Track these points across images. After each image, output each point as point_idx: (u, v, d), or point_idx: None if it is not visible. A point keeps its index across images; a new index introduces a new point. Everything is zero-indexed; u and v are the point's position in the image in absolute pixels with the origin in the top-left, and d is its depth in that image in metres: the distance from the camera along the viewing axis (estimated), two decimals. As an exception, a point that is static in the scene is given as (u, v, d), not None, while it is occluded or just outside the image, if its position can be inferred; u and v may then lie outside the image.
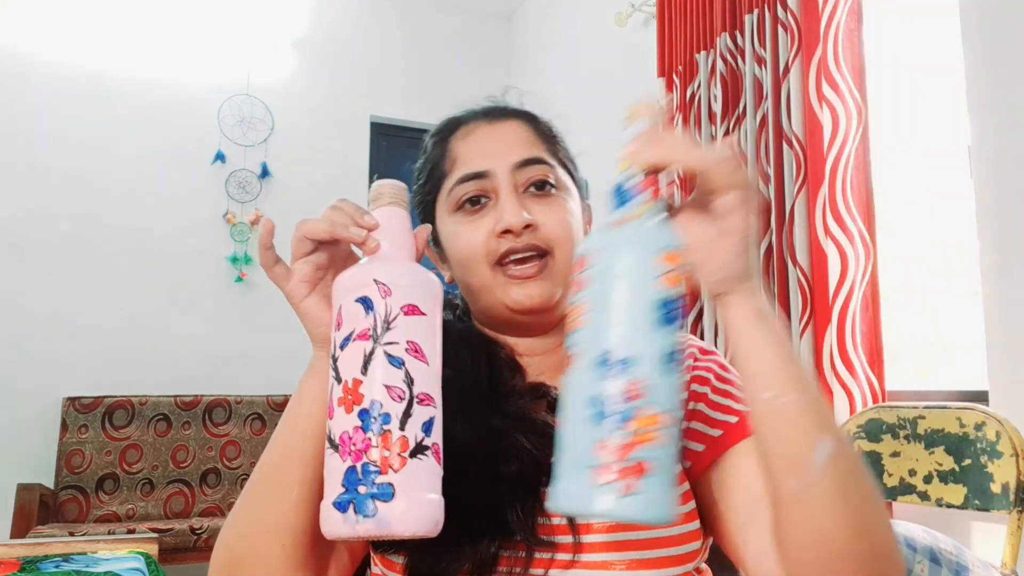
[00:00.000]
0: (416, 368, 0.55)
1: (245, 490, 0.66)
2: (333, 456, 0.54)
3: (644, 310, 0.50)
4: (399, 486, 0.52)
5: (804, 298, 2.02)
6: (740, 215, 0.54)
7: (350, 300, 0.57)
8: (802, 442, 0.54)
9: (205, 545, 2.71)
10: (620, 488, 0.47)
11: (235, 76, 3.61)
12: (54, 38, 3.34)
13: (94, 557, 1.48)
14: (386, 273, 0.57)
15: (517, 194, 0.74)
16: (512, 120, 0.79)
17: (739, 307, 0.56)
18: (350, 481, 0.53)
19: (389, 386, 0.54)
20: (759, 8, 2.27)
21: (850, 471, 0.54)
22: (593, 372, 0.50)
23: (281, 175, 3.65)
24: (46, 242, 3.24)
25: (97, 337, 3.27)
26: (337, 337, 0.57)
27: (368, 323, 0.55)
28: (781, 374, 0.55)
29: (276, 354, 3.51)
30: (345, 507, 0.52)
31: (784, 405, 0.54)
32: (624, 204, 0.55)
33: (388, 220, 0.61)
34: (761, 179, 2.24)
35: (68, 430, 3.07)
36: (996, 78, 1.68)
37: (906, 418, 1.62)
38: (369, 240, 0.59)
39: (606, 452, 0.48)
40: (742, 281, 0.56)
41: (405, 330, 0.56)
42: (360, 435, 0.53)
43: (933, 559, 1.17)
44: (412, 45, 4.03)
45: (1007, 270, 1.64)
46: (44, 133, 3.28)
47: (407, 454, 0.53)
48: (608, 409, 0.49)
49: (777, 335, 0.56)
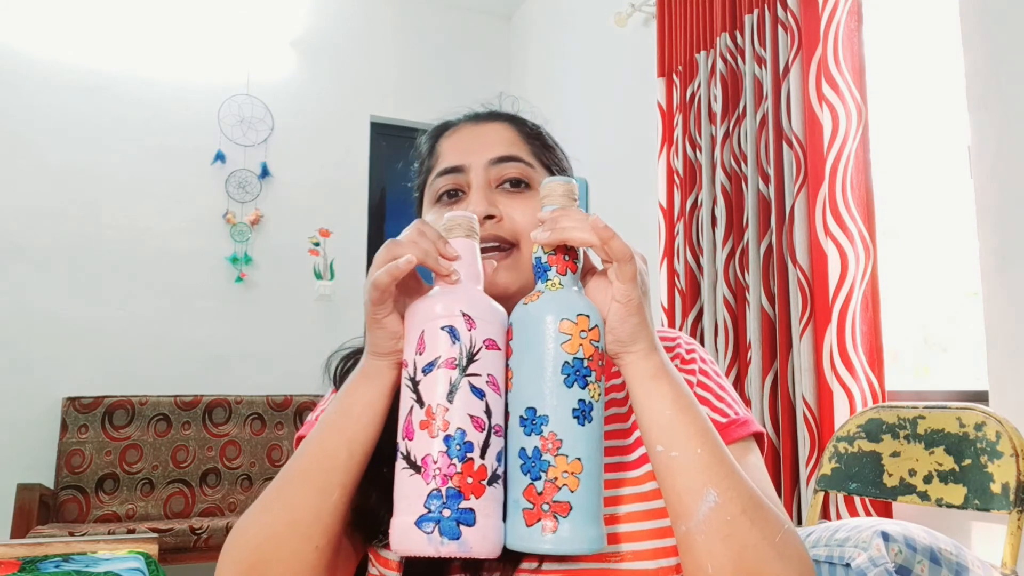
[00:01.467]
0: (493, 400, 0.59)
1: (273, 492, 0.65)
2: (413, 476, 0.57)
3: (553, 372, 0.59)
4: (479, 511, 0.56)
5: (804, 298, 2.02)
6: (625, 285, 0.60)
7: (435, 327, 0.60)
8: (688, 492, 0.60)
9: (205, 545, 2.71)
10: (544, 527, 0.56)
11: (235, 76, 3.61)
12: (54, 38, 3.34)
13: (94, 557, 1.48)
14: (471, 306, 0.61)
15: (488, 188, 0.77)
16: (496, 122, 0.82)
17: (632, 367, 0.62)
18: (434, 503, 0.56)
19: (473, 416, 0.58)
20: (759, 8, 2.27)
21: (734, 519, 0.59)
22: (519, 428, 0.59)
23: (281, 175, 3.65)
24: (46, 242, 3.24)
25: (97, 337, 3.27)
26: (419, 361, 0.59)
27: (454, 353, 0.59)
28: (671, 429, 0.61)
29: (276, 354, 3.52)
30: (430, 528, 0.55)
31: (672, 459, 0.61)
32: (541, 277, 0.64)
33: (463, 251, 0.64)
34: (761, 179, 2.24)
35: (68, 430, 3.07)
36: (996, 78, 1.68)
37: (906, 418, 1.62)
38: (452, 273, 0.62)
39: (532, 497, 0.57)
40: (634, 344, 0.62)
41: (486, 363, 0.60)
42: (445, 460, 0.56)
43: (933, 559, 1.17)
44: (412, 45, 4.03)
45: (1007, 270, 1.64)
46: (44, 133, 3.29)
47: (485, 482, 0.57)
48: (531, 460, 0.58)
49: (670, 393, 0.62)
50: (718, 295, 2.36)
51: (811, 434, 1.96)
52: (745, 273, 2.27)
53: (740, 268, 2.31)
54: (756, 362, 2.17)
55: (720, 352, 2.34)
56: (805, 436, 1.98)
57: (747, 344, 2.24)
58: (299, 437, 0.78)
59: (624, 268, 0.60)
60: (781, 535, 0.61)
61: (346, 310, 3.66)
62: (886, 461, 1.63)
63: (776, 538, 0.60)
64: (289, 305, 3.58)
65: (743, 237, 2.30)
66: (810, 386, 1.98)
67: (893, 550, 1.16)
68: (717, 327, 2.36)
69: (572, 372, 0.59)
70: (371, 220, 3.86)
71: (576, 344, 0.59)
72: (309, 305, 3.62)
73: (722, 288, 2.34)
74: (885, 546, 1.16)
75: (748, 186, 2.25)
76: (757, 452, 0.75)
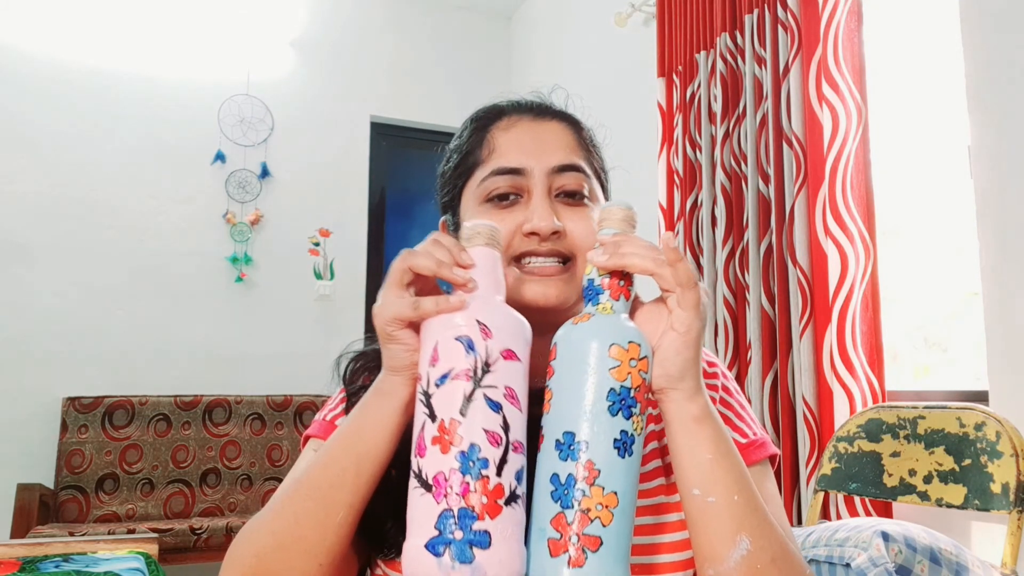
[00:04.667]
0: (512, 414, 0.56)
1: (282, 501, 0.64)
2: (424, 496, 0.54)
3: (598, 398, 0.56)
4: (495, 533, 0.52)
5: (804, 298, 2.02)
6: (687, 313, 0.58)
7: (449, 337, 0.57)
8: (721, 538, 0.59)
9: (205, 545, 2.71)
10: (569, 560, 0.53)
11: (235, 76, 3.61)
12: (54, 37, 3.34)
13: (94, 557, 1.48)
14: (487, 315, 0.58)
15: (549, 198, 0.73)
16: (556, 121, 0.78)
17: (677, 406, 0.60)
18: (445, 524, 0.52)
19: (488, 430, 0.54)
20: (759, 8, 2.27)
21: (764, 568, 0.59)
22: (554, 452, 0.56)
23: (281, 175, 3.65)
24: (47, 242, 3.24)
25: (97, 337, 3.27)
26: (432, 373, 0.57)
27: (469, 363, 0.55)
28: (710, 475, 0.59)
29: (276, 354, 3.52)
30: (440, 551, 0.52)
31: (708, 504, 0.59)
32: (592, 300, 0.61)
33: (483, 260, 0.61)
34: (761, 179, 2.24)
35: (68, 430, 3.07)
36: (996, 78, 1.68)
37: (906, 418, 1.62)
38: (469, 282, 0.60)
39: (561, 527, 0.54)
40: (682, 380, 0.59)
41: (504, 375, 0.56)
42: (458, 478, 0.53)
43: (933, 559, 1.17)
44: (412, 45, 4.03)
45: (1007, 270, 1.64)
46: (44, 132, 3.28)
47: (502, 501, 0.53)
48: (564, 487, 0.54)
49: (712, 437, 0.60)
50: (718, 295, 2.36)
51: (811, 434, 1.96)
52: (745, 273, 2.27)
53: (740, 268, 2.31)
54: (756, 362, 2.17)
55: (720, 352, 2.34)
56: (805, 436, 1.98)
57: (747, 344, 2.24)
58: (306, 436, 0.77)
59: (687, 295, 0.58)
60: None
61: (346, 310, 3.66)
62: (886, 461, 1.63)
63: None
64: (289, 305, 3.58)
65: (743, 237, 2.30)
66: (810, 386, 1.98)
67: (893, 550, 1.16)
68: (717, 327, 2.36)
69: (617, 400, 0.56)
70: (371, 220, 3.86)
71: (625, 372, 0.57)
72: (309, 305, 3.62)
73: (722, 288, 2.34)
74: (885, 546, 1.16)
75: (748, 186, 2.25)
76: (772, 477, 0.75)
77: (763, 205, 2.22)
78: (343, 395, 0.76)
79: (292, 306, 3.59)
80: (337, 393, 0.78)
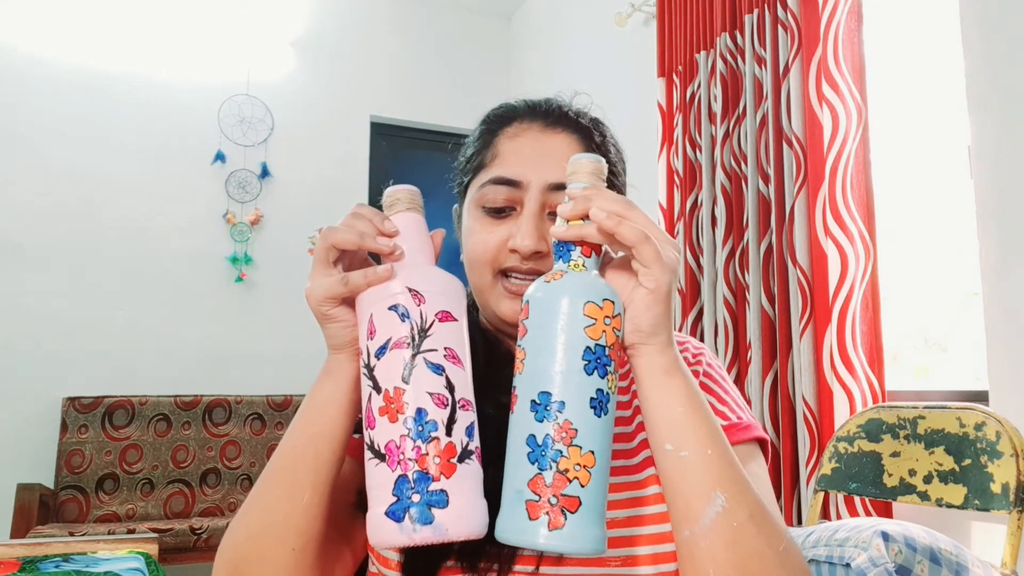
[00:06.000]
0: (455, 374, 0.56)
1: (254, 490, 0.65)
2: (379, 466, 0.54)
3: (573, 357, 0.55)
4: (452, 492, 0.53)
5: (804, 298, 2.02)
6: (654, 270, 0.56)
7: (382, 308, 0.57)
8: (696, 495, 0.57)
9: (205, 545, 2.71)
10: (548, 523, 0.52)
11: (235, 76, 3.61)
12: (53, 38, 3.34)
13: (94, 557, 1.48)
14: (418, 280, 0.58)
15: (540, 215, 0.71)
16: (566, 133, 0.75)
17: (647, 359, 0.59)
18: (401, 490, 0.53)
19: (432, 393, 0.55)
20: (759, 8, 2.27)
21: (741, 526, 0.57)
22: (529, 413, 0.54)
23: (281, 175, 3.65)
24: (46, 242, 3.24)
25: (97, 337, 3.27)
26: (371, 346, 0.57)
27: (405, 331, 0.56)
28: (681, 429, 0.58)
29: (276, 354, 3.52)
30: (400, 516, 0.53)
31: (682, 459, 0.58)
32: (563, 257, 0.60)
33: (408, 226, 0.61)
34: (761, 179, 2.24)
35: (68, 430, 3.07)
36: (996, 78, 1.68)
37: (906, 418, 1.62)
38: (395, 249, 0.59)
39: (539, 488, 0.53)
40: (654, 336, 0.58)
41: (441, 337, 0.56)
42: (408, 443, 0.53)
43: (933, 559, 1.17)
44: (412, 45, 4.03)
45: (1007, 270, 1.64)
46: (44, 133, 3.28)
47: (455, 460, 0.54)
48: (541, 448, 0.53)
49: (683, 390, 0.59)
50: (718, 295, 2.36)
51: (811, 434, 1.96)
52: (745, 273, 2.27)
53: (740, 268, 2.31)
54: (756, 362, 2.17)
55: (720, 352, 2.34)
56: (805, 436, 1.98)
57: (747, 344, 2.24)
58: None
59: (646, 249, 0.56)
60: (784, 544, 0.60)
61: (346, 310, 3.65)
62: (886, 461, 1.63)
63: (780, 547, 0.59)
64: (289, 305, 3.58)
65: (743, 237, 2.30)
66: (810, 386, 1.98)
67: (893, 550, 1.16)
68: (717, 327, 2.36)
69: (593, 359, 0.55)
70: (371, 220, 3.86)
71: (600, 330, 0.56)
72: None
73: (722, 288, 2.34)
74: (885, 546, 1.16)
75: (748, 186, 2.25)
76: (760, 459, 0.74)
77: (763, 205, 2.22)
78: None
79: (292, 306, 3.59)
80: None
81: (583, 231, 0.58)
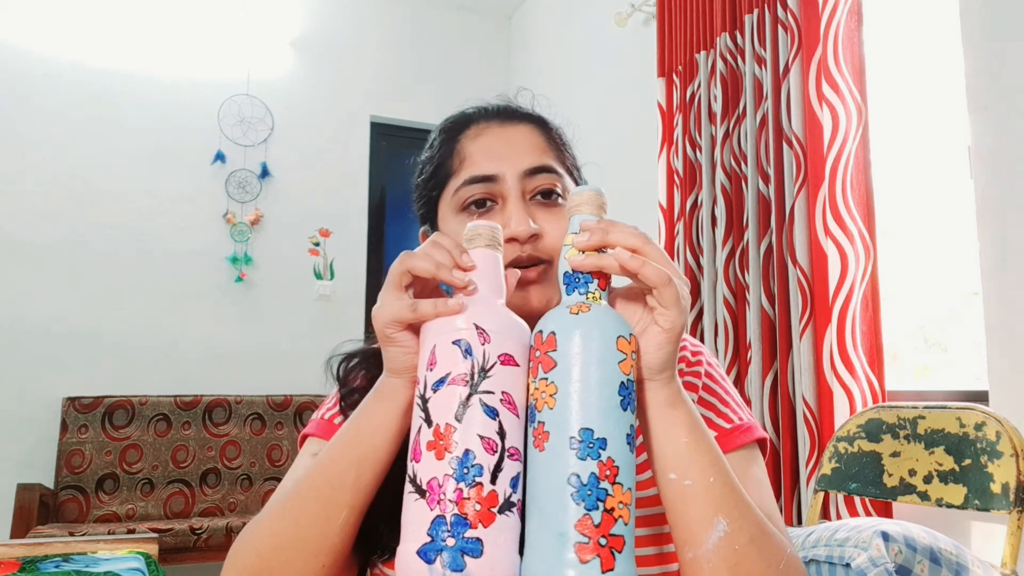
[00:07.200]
0: (509, 421, 0.55)
1: (284, 502, 0.64)
2: (418, 501, 0.53)
3: (610, 392, 0.54)
4: (487, 542, 0.51)
5: (804, 298, 2.02)
6: (672, 312, 0.57)
7: (446, 341, 0.56)
8: (699, 521, 0.59)
9: (205, 545, 2.71)
10: (601, 565, 0.51)
11: (235, 75, 3.61)
12: (53, 38, 3.34)
13: (94, 557, 1.48)
14: (486, 319, 0.57)
15: (524, 201, 0.73)
16: (524, 124, 0.78)
17: (653, 393, 0.60)
18: (437, 531, 0.52)
19: (483, 436, 0.53)
20: (759, 8, 2.27)
21: (742, 548, 0.59)
22: (569, 451, 0.53)
23: (281, 175, 3.65)
24: (46, 242, 3.24)
25: (97, 337, 3.27)
26: (429, 377, 0.56)
27: (466, 368, 0.55)
28: (686, 459, 0.59)
29: (276, 354, 3.52)
30: (432, 558, 0.51)
31: (685, 487, 0.59)
32: (578, 288, 0.59)
33: (484, 262, 0.60)
34: (761, 179, 2.24)
35: (68, 430, 3.07)
36: (996, 78, 1.68)
37: (906, 418, 1.62)
38: (469, 283, 0.59)
39: (587, 530, 0.51)
40: (662, 372, 0.59)
41: (501, 380, 0.55)
42: (451, 484, 0.52)
43: (933, 559, 1.17)
44: (412, 45, 4.03)
45: (1007, 270, 1.64)
46: (44, 133, 3.29)
47: (496, 509, 0.52)
48: (587, 487, 0.52)
49: (687, 422, 0.60)
50: (718, 295, 2.36)
51: (811, 434, 1.96)
52: (745, 273, 2.27)
53: (740, 268, 2.31)
54: (756, 362, 2.17)
55: (720, 352, 2.34)
56: (805, 436, 1.98)
57: (747, 344, 2.24)
58: (304, 435, 0.78)
59: (667, 291, 0.57)
60: (784, 562, 0.61)
61: (346, 310, 3.66)
62: (886, 461, 1.63)
63: (780, 565, 0.60)
64: (289, 305, 3.58)
65: (743, 237, 2.30)
66: (810, 386, 1.98)
67: (893, 550, 1.16)
68: (717, 327, 2.36)
69: (626, 394, 0.55)
70: (371, 220, 3.86)
71: (629, 365, 0.55)
72: (309, 305, 3.62)
73: (722, 288, 2.34)
74: (885, 546, 1.16)
75: (748, 186, 2.25)
76: (760, 461, 0.74)
77: (763, 205, 2.22)
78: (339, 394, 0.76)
79: (292, 306, 3.59)
80: (334, 392, 0.79)
81: (602, 262, 0.58)
